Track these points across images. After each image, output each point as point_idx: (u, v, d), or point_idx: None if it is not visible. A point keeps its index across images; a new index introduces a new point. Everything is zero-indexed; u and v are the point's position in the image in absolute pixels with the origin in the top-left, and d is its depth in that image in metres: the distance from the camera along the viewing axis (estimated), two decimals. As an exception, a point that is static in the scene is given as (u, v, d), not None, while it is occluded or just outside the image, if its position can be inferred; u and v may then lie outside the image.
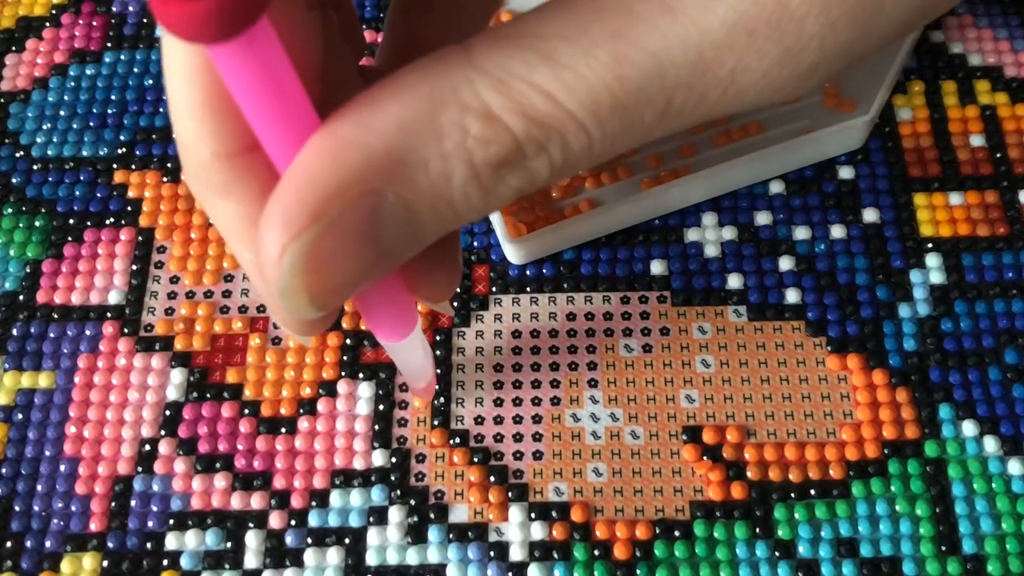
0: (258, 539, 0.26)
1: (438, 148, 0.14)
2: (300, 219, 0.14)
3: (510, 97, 0.14)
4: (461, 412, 0.27)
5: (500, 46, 0.15)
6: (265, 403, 0.28)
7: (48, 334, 0.29)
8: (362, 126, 0.14)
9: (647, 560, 0.25)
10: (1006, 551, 0.25)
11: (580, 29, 0.15)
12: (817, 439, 0.27)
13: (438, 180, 0.15)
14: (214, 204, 0.17)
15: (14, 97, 0.33)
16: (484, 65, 0.15)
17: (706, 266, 0.29)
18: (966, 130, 0.31)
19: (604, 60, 0.15)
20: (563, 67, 0.15)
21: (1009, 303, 0.28)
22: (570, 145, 0.15)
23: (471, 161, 0.15)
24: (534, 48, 0.15)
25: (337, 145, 0.14)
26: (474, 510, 0.26)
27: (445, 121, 0.14)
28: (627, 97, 0.15)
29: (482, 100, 0.14)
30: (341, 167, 0.14)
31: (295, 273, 0.15)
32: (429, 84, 0.15)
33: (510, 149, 0.15)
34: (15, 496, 0.27)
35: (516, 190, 0.16)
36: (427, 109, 0.14)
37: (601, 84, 0.15)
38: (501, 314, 0.29)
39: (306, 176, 0.14)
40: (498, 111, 0.15)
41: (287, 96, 0.14)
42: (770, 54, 0.15)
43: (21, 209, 0.31)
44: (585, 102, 0.15)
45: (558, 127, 0.15)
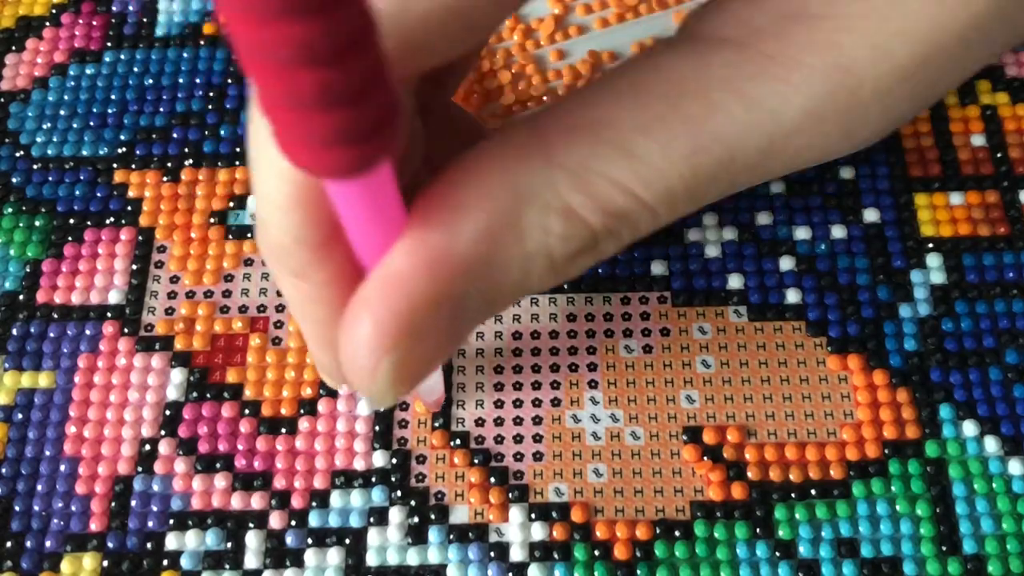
0: (258, 539, 0.26)
1: (521, 250, 0.15)
2: (394, 333, 0.15)
3: (590, 195, 0.15)
4: (461, 413, 0.27)
5: (577, 139, 0.15)
6: (265, 403, 0.28)
7: (48, 334, 0.29)
8: (450, 234, 0.15)
9: (647, 560, 0.25)
10: (1007, 551, 0.25)
11: (657, 119, 0.15)
12: (817, 439, 0.27)
13: (519, 276, 0.15)
14: (288, 282, 0.17)
15: (14, 97, 0.33)
16: (563, 162, 0.15)
17: (706, 266, 0.29)
18: (967, 130, 0.31)
19: (681, 152, 0.15)
20: (641, 162, 0.15)
21: (1010, 303, 0.28)
22: (639, 228, 0.16)
23: (551, 256, 0.15)
24: (611, 142, 0.15)
25: (427, 255, 0.15)
26: (474, 511, 0.26)
27: (528, 223, 0.15)
28: (698, 184, 0.15)
29: (563, 199, 0.15)
30: (432, 279, 0.15)
31: (388, 383, 0.15)
32: (511, 185, 0.15)
33: (588, 242, 0.15)
34: (15, 496, 0.27)
35: (584, 269, 0.16)
36: (511, 213, 0.15)
37: (676, 175, 0.15)
38: (501, 314, 0.29)
39: (399, 286, 0.15)
40: (579, 208, 0.15)
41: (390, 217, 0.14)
42: (832, 135, 0.15)
43: (21, 209, 0.31)
44: (660, 193, 0.15)
45: (633, 216, 0.15)
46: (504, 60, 0.31)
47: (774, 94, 0.15)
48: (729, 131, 0.15)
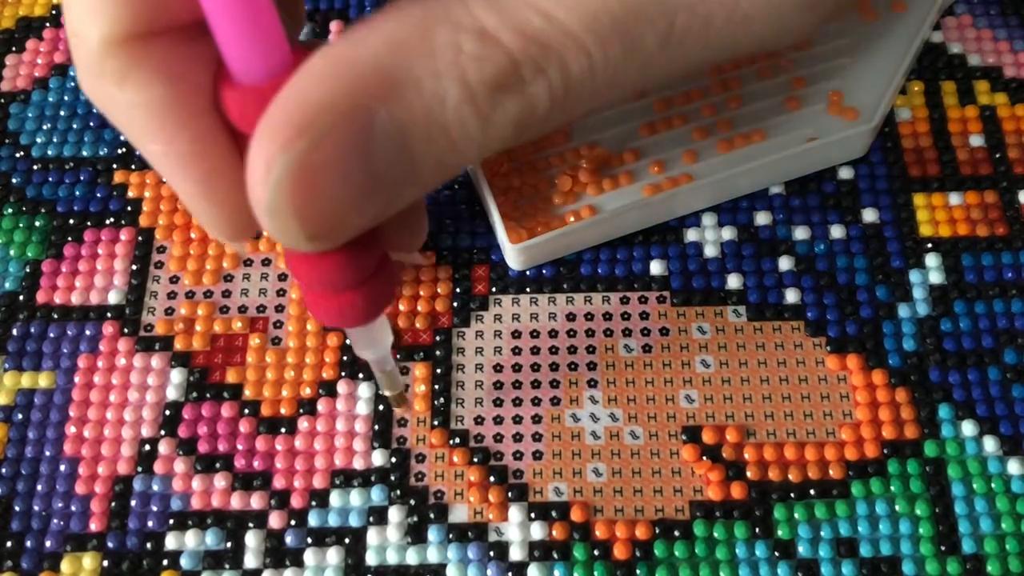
0: (258, 539, 0.26)
1: (431, 66, 0.14)
2: (288, 130, 0.14)
3: (505, 14, 0.14)
4: (461, 412, 0.27)
5: None
6: (265, 403, 0.28)
7: (48, 334, 0.29)
8: (353, 43, 0.14)
9: (647, 560, 0.25)
10: (1005, 551, 0.25)
11: None
12: (816, 439, 0.27)
13: (431, 99, 0.14)
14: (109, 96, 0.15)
15: (14, 97, 0.33)
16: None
17: (706, 266, 0.29)
18: (965, 130, 0.31)
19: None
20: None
21: (1008, 303, 0.28)
22: (569, 68, 0.15)
23: (465, 80, 0.14)
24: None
25: (328, 62, 0.14)
26: (474, 510, 0.26)
27: (438, 39, 0.14)
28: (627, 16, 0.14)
29: (475, 17, 0.14)
30: (331, 82, 0.14)
31: (283, 188, 0.14)
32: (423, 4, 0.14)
33: (506, 68, 0.14)
34: (15, 496, 0.27)
35: (515, 120, 0.15)
36: (419, 27, 0.14)
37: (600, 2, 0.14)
38: (501, 314, 0.29)
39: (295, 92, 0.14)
40: (492, 28, 0.14)
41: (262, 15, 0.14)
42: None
43: (21, 209, 0.31)
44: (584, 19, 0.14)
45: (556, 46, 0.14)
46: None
47: None
48: None
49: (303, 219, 0.14)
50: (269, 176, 0.14)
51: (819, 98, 0.30)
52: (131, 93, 0.15)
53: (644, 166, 0.29)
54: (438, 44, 0.14)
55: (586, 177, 0.29)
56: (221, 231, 0.17)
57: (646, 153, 0.30)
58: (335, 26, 0.34)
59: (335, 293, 0.19)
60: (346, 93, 0.14)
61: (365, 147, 0.14)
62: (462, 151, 0.15)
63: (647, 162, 0.30)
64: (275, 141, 0.14)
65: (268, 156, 0.14)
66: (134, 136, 0.16)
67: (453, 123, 0.14)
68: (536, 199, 0.29)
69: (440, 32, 0.14)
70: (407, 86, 0.14)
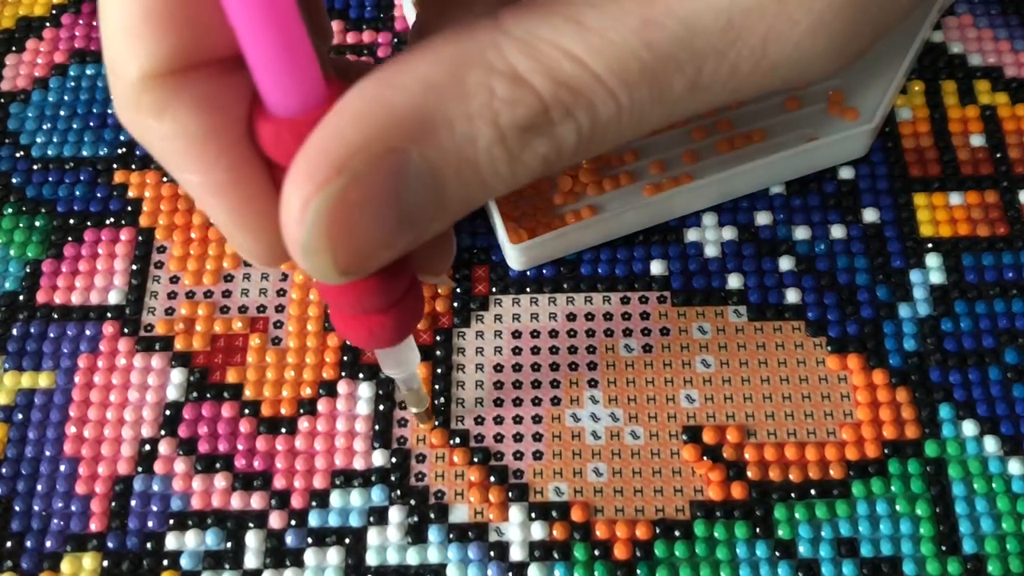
0: (258, 539, 0.26)
1: (464, 108, 0.14)
2: (324, 171, 0.14)
3: (537, 59, 0.14)
4: (461, 412, 0.27)
5: (528, 12, 0.15)
6: (265, 403, 0.28)
7: (48, 334, 0.29)
8: (387, 84, 0.14)
9: (647, 560, 0.25)
10: (1006, 551, 0.25)
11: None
12: (817, 439, 0.27)
13: (463, 142, 0.15)
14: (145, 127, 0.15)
15: (14, 97, 0.33)
16: (512, 29, 0.15)
17: (706, 266, 0.29)
18: (966, 130, 0.31)
19: (633, 25, 0.14)
20: (591, 31, 0.14)
21: (1009, 303, 0.28)
22: (598, 111, 0.15)
23: (497, 122, 0.15)
24: (562, 14, 0.15)
25: (362, 103, 0.14)
26: (474, 510, 0.26)
27: (471, 81, 0.14)
28: (656, 63, 0.15)
29: (508, 62, 0.14)
30: (366, 123, 0.14)
31: (319, 228, 0.14)
32: (456, 46, 0.14)
33: (537, 111, 0.15)
34: (15, 496, 0.27)
35: (543, 159, 0.15)
36: (453, 69, 0.14)
37: (629, 49, 0.14)
38: (501, 314, 0.29)
39: (331, 132, 0.14)
40: (525, 73, 0.14)
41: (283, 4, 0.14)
42: (801, 23, 0.15)
43: (21, 209, 0.31)
44: (613, 66, 0.15)
45: (586, 91, 0.15)
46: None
47: None
48: (683, 7, 0.15)
49: (336, 256, 0.15)
50: (305, 216, 0.14)
51: (819, 98, 0.30)
52: (168, 125, 0.15)
53: (644, 166, 0.29)
54: (471, 87, 0.14)
55: (586, 177, 0.29)
56: (256, 257, 0.18)
57: (646, 153, 0.30)
58: (336, 25, 0.34)
59: (365, 315, 0.19)
60: (381, 135, 0.14)
61: (397, 187, 0.15)
62: (490, 187, 0.15)
63: (647, 162, 0.30)
64: (312, 181, 0.14)
65: (304, 196, 0.14)
66: (171, 166, 0.16)
67: (483, 163, 0.15)
68: (536, 199, 0.29)
69: (473, 74, 0.14)
70: (440, 128, 0.14)
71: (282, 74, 0.14)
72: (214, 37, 0.15)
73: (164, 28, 0.14)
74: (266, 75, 0.14)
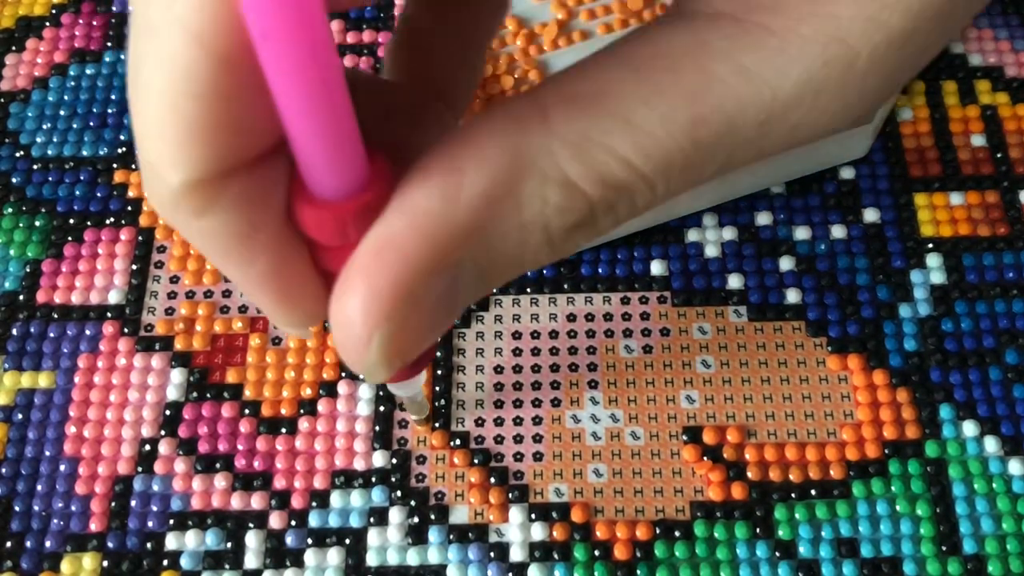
0: (258, 539, 0.26)
1: (517, 218, 0.15)
2: (390, 302, 0.14)
3: (589, 166, 0.15)
4: (461, 413, 0.27)
5: (576, 109, 0.15)
6: (265, 403, 0.28)
7: (48, 334, 0.29)
8: (447, 200, 0.14)
9: (647, 560, 0.25)
10: (1007, 551, 0.25)
11: (656, 89, 0.15)
12: (817, 439, 0.27)
13: (514, 247, 0.15)
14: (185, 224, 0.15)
15: (14, 97, 0.33)
16: (562, 132, 0.15)
17: (706, 266, 0.29)
18: (967, 130, 0.31)
19: (681, 124, 0.15)
20: (641, 131, 0.15)
21: (1010, 303, 0.28)
22: (636, 202, 0.16)
23: (548, 228, 0.15)
24: (610, 111, 0.15)
25: (425, 220, 0.14)
26: (474, 511, 0.26)
27: (525, 192, 0.15)
28: (696, 154, 0.15)
29: (561, 170, 0.15)
30: (430, 246, 0.14)
31: (383, 353, 0.15)
32: (510, 154, 0.15)
33: (585, 215, 0.15)
34: (15, 496, 0.27)
35: (579, 245, 0.16)
36: (510, 181, 0.14)
37: (676, 147, 0.15)
38: (501, 315, 0.29)
39: (395, 252, 0.14)
40: (576, 179, 0.15)
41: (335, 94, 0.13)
42: (830, 109, 0.15)
43: (21, 209, 0.31)
44: (660, 165, 0.15)
45: (630, 188, 0.15)
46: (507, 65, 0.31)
47: (771, 66, 0.15)
48: (728, 102, 0.15)
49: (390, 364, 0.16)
50: (370, 345, 0.15)
51: None
52: (210, 224, 0.15)
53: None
54: (525, 197, 0.15)
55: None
56: (291, 327, 0.18)
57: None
58: (336, 25, 0.34)
59: None
60: (441, 256, 0.14)
61: (453, 296, 0.15)
62: (527, 271, 0.16)
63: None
64: (378, 311, 0.14)
65: (369, 326, 0.15)
66: (213, 259, 0.16)
67: (529, 260, 0.16)
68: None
69: (528, 185, 0.15)
70: (494, 238, 0.15)
71: (329, 160, 0.14)
72: (257, 135, 0.14)
73: (209, 137, 0.14)
74: (312, 162, 0.14)
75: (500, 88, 0.31)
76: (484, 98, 0.31)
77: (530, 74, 0.31)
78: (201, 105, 0.13)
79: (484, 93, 0.31)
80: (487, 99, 0.31)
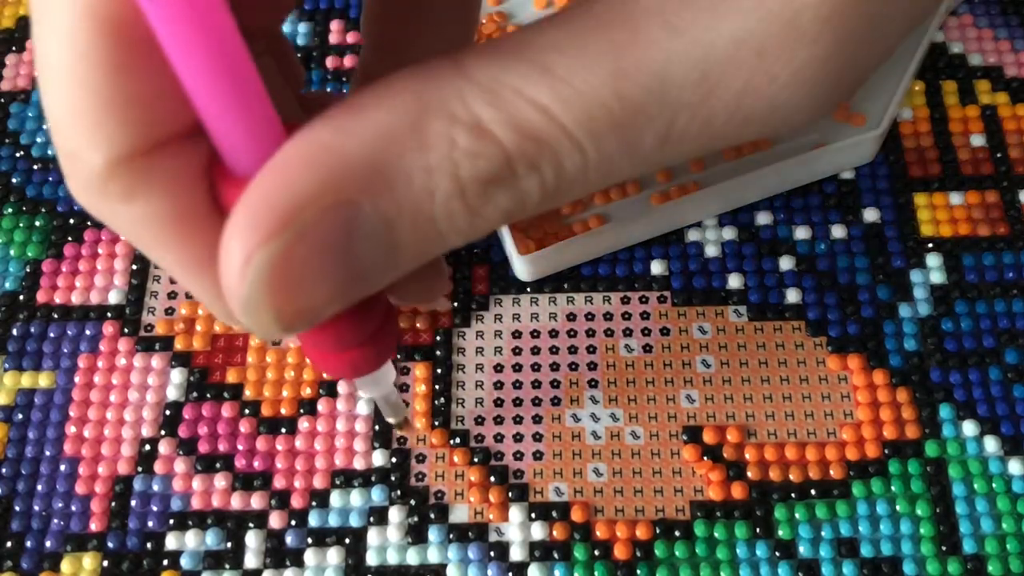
0: (258, 539, 0.26)
1: (422, 160, 0.13)
2: (268, 224, 0.13)
3: (502, 109, 0.14)
4: (461, 412, 0.27)
5: (493, 57, 0.14)
6: (265, 403, 0.28)
7: (48, 334, 0.29)
8: (341, 131, 0.13)
9: (647, 560, 0.25)
10: (1007, 551, 0.25)
11: (579, 43, 0.14)
12: (817, 439, 0.27)
13: (420, 194, 0.14)
14: (113, 211, 0.15)
15: (14, 97, 0.33)
16: (476, 76, 0.14)
17: (706, 266, 0.29)
18: (966, 130, 0.31)
19: (602, 76, 0.14)
20: (559, 80, 0.14)
21: (1010, 303, 0.28)
22: (563, 164, 0.14)
23: (457, 175, 0.14)
24: (529, 60, 0.14)
25: (312, 150, 0.13)
26: (474, 510, 0.26)
27: (431, 131, 0.13)
28: (625, 115, 0.14)
29: (472, 111, 0.14)
30: (316, 172, 0.13)
31: (261, 285, 0.13)
32: (416, 92, 0.14)
33: (500, 164, 0.14)
34: (15, 496, 0.27)
35: (504, 212, 0.15)
36: (412, 118, 0.13)
37: (598, 100, 0.14)
38: (501, 314, 0.29)
39: (277, 180, 0.13)
40: (489, 123, 0.14)
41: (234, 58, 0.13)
42: (780, 77, 0.14)
43: (21, 209, 0.31)
44: (581, 118, 0.14)
45: (552, 143, 0.14)
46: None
47: (701, 21, 0.14)
48: (654, 57, 0.14)
49: (279, 315, 0.14)
50: (247, 271, 0.13)
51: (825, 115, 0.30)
52: (140, 208, 0.14)
53: (651, 174, 0.29)
54: (431, 137, 0.13)
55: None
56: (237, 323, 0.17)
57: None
58: (335, 25, 0.34)
59: (338, 352, 0.18)
60: (331, 187, 0.13)
61: (348, 241, 0.14)
62: (447, 240, 0.15)
63: (652, 168, 0.29)
64: (255, 233, 0.13)
65: (246, 249, 0.13)
66: (143, 247, 0.15)
67: (441, 216, 0.14)
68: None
69: (434, 124, 0.13)
70: (396, 180, 0.14)
71: (242, 133, 0.14)
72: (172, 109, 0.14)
73: (123, 113, 0.13)
74: (225, 136, 0.14)
75: None
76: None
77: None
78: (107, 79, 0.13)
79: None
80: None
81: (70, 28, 0.12)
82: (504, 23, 0.31)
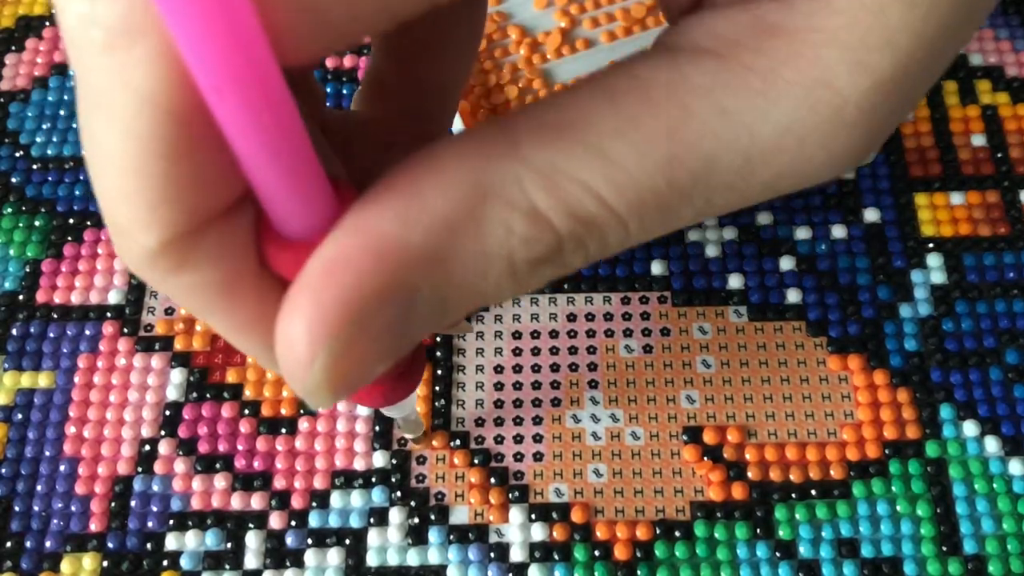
0: (258, 539, 0.26)
1: (479, 246, 0.14)
2: (333, 321, 0.14)
3: (558, 197, 0.14)
4: (461, 414, 0.27)
5: (548, 138, 0.14)
6: (265, 403, 0.28)
7: (48, 334, 0.29)
8: (404, 222, 0.14)
9: (648, 561, 0.25)
10: (1007, 551, 0.25)
11: (632, 123, 0.14)
12: (818, 439, 0.27)
13: (475, 277, 0.14)
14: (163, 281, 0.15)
15: (14, 97, 0.33)
16: (532, 160, 0.14)
17: (706, 266, 0.29)
18: (967, 130, 0.31)
19: (658, 161, 0.14)
20: (614, 165, 0.14)
21: (1010, 303, 0.28)
22: (608, 240, 0.15)
23: (512, 260, 0.14)
24: (584, 143, 0.14)
25: (375, 244, 0.14)
26: (474, 511, 0.26)
27: (488, 217, 0.14)
28: (672, 197, 0.14)
29: (529, 198, 0.14)
30: (380, 267, 0.14)
31: (324, 375, 0.14)
32: (475, 178, 0.14)
33: (552, 248, 0.14)
34: (15, 496, 0.27)
35: (546, 280, 0.15)
36: (471, 204, 0.14)
37: (650, 185, 0.14)
38: (501, 315, 0.29)
39: (342, 271, 0.14)
40: (545, 210, 0.14)
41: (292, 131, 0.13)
42: (815, 159, 0.15)
43: (21, 209, 0.31)
44: (632, 202, 0.14)
45: (600, 225, 0.14)
46: (511, 74, 0.31)
47: (752, 107, 0.14)
48: (706, 142, 0.14)
49: (336, 392, 0.15)
50: (312, 364, 0.14)
51: None
52: (188, 279, 0.15)
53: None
54: (488, 223, 0.14)
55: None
56: None
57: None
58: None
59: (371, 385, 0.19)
60: (393, 280, 0.14)
61: (405, 323, 0.14)
62: (490, 302, 0.15)
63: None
64: (322, 331, 0.14)
65: (312, 348, 0.14)
66: (195, 312, 0.16)
67: (491, 291, 0.15)
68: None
69: (491, 211, 0.14)
70: (454, 266, 0.14)
71: (295, 202, 0.14)
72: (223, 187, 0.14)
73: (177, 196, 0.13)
74: (279, 205, 0.14)
75: (505, 98, 0.31)
76: (489, 108, 0.31)
77: (534, 83, 0.31)
78: (164, 166, 0.13)
79: (489, 103, 0.31)
80: (491, 109, 0.31)
81: (129, 116, 0.12)
82: (504, 23, 0.31)
